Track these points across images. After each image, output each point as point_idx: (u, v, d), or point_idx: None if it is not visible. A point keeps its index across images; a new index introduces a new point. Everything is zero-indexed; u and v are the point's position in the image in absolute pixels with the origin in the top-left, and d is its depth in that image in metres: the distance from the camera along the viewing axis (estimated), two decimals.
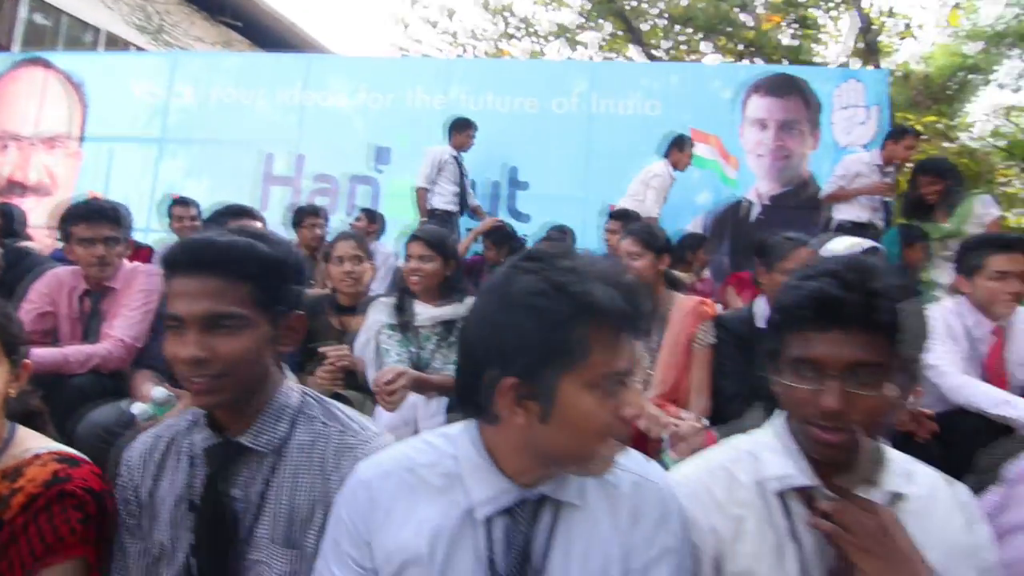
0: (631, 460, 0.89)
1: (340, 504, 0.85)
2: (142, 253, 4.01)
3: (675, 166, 4.53)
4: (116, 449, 1.35)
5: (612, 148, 5.24)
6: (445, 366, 2.07)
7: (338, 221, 5.02)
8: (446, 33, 11.90)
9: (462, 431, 0.86)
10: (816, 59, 10.01)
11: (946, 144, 10.52)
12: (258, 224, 2.62)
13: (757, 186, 5.24)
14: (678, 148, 4.55)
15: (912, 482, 0.93)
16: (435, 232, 2.24)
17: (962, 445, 1.70)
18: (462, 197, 4.94)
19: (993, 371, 2.02)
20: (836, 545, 0.84)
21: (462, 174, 4.92)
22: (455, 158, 4.89)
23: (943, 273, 3.04)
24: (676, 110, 5.29)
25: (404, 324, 2.13)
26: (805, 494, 0.91)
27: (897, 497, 0.90)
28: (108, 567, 0.99)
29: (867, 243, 2.20)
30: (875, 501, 0.84)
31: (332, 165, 5.34)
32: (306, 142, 5.38)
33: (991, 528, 0.94)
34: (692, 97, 5.37)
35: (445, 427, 0.92)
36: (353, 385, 2.13)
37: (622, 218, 3.86)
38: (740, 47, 10.01)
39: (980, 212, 3.24)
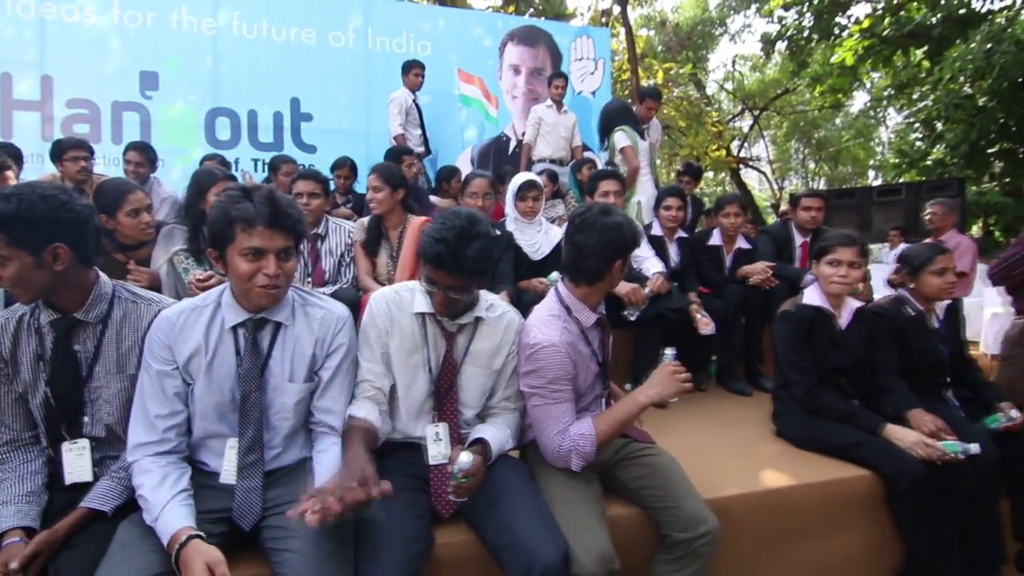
0: (324, 300, 1.67)
1: (151, 331, 1.51)
2: None
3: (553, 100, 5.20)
4: None
5: (389, 84, 5.76)
6: None
7: (105, 151, 4.87)
8: None
9: (223, 286, 1.57)
10: (575, 9, 11.24)
11: (677, 89, 12.88)
12: (9, 174, 2.70)
13: (513, 123, 6.28)
14: (548, 84, 5.25)
15: (492, 311, 1.82)
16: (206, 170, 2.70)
17: None
18: (425, 138, 5.26)
19: None
20: (449, 344, 1.73)
21: (420, 113, 5.22)
22: (414, 100, 5.18)
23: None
24: (444, 52, 5.97)
25: (198, 250, 2.62)
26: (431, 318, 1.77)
27: (479, 319, 1.78)
28: None
29: (552, 169, 3.24)
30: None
31: (90, 90, 5.03)
32: (53, 63, 4.95)
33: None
34: (458, 41, 6.09)
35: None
36: None
37: (401, 157, 4.59)
38: None
39: (616, 145, 4.45)
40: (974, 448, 2.04)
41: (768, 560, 2.00)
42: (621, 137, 4.30)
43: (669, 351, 1.78)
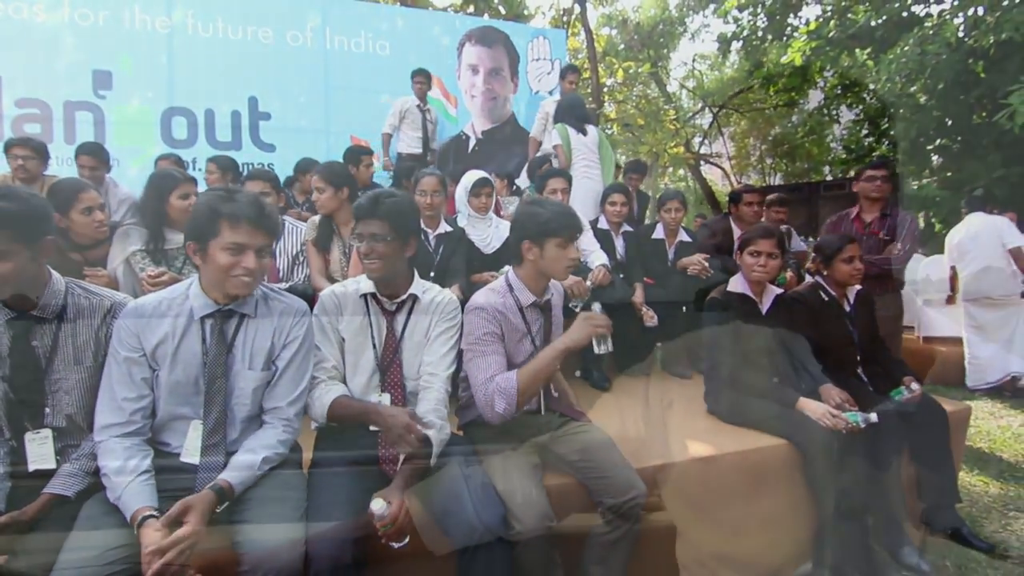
0: (285, 295, 1.80)
1: (119, 320, 1.61)
2: None
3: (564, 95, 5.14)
4: None
5: (349, 83, 5.83)
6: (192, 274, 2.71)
7: (58, 151, 4.80)
8: None
9: (191, 279, 1.68)
10: (537, 8, 11.36)
11: (637, 87, 13.19)
12: None
13: (473, 122, 6.41)
14: (561, 77, 5.28)
15: (427, 293, 1.97)
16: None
17: None
18: (425, 141, 5.40)
19: None
20: (389, 321, 1.88)
21: (425, 120, 5.36)
22: (419, 106, 5.31)
23: None
24: (403, 52, 6.05)
25: (155, 250, 2.67)
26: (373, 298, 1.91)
27: (414, 297, 1.93)
28: None
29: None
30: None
31: (41, 89, 4.95)
32: (1, 61, 4.85)
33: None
34: (417, 41, 6.17)
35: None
36: None
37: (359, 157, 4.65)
38: None
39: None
40: (873, 418, 2.28)
41: (697, 521, 2.20)
42: (553, 136, 4.44)
43: (596, 305, 1.90)
